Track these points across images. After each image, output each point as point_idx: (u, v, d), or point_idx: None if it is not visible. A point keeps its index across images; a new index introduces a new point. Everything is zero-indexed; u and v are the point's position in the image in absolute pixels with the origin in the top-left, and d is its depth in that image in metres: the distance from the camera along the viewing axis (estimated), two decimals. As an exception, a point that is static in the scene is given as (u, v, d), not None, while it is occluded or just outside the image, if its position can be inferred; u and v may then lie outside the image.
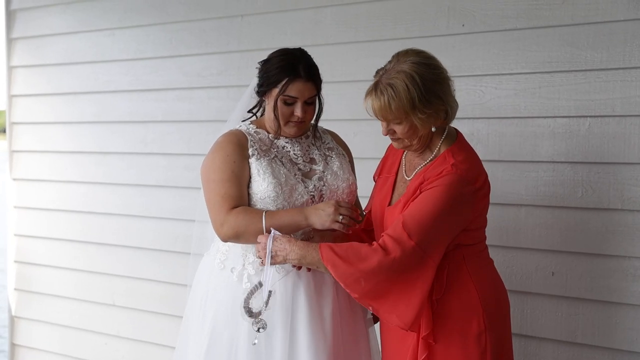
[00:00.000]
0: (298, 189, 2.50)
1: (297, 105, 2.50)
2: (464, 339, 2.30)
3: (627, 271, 2.84)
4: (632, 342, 2.84)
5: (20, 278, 4.83)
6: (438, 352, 2.30)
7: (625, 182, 2.84)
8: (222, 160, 2.49)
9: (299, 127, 2.56)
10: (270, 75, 2.51)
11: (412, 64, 2.28)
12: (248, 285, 2.47)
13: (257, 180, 2.48)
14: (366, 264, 2.24)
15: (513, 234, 3.06)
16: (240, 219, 2.43)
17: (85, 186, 4.50)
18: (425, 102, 2.26)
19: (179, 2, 4.05)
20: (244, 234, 2.44)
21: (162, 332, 4.16)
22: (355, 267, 2.25)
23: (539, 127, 3.00)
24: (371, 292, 2.26)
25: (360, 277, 2.24)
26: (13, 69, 4.78)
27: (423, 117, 2.28)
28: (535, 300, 3.03)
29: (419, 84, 2.26)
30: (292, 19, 3.66)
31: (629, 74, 2.82)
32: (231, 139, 2.54)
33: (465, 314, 2.31)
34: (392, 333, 2.43)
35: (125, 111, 4.32)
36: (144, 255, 4.27)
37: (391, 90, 2.26)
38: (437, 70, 2.32)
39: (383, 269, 2.23)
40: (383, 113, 2.30)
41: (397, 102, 2.26)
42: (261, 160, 2.50)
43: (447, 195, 2.25)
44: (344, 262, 2.26)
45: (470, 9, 3.14)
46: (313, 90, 2.53)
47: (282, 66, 2.49)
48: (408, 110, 2.27)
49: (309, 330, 2.45)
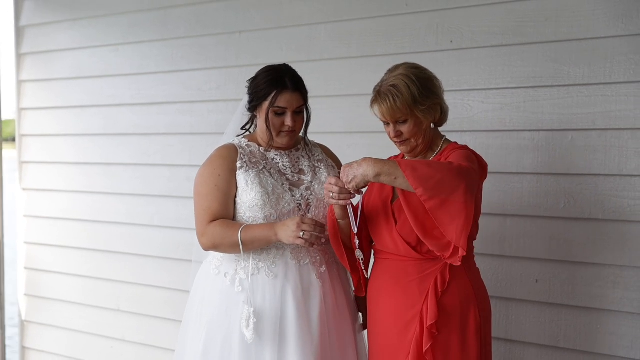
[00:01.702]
0: (285, 197, 2.61)
1: (287, 115, 2.62)
2: (463, 329, 2.43)
3: (608, 279, 2.88)
4: (612, 346, 2.89)
5: (30, 284, 4.85)
6: (440, 342, 2.42)
7: (605, 194, 2.88)
8: (209, 175, 2.63)
9: (291, 136, 2.67)
10: (260, 90, 2.63)
11: (406, 68, 2.51)
12: (240, 289, 2.58)
13: (245, 190, 2.60)
14: (447, 166, 2.33)
15: (499, 243, 3.11)
16: (218, 231, 2.57)
17: (92, 196, 4.52)
18: (424, 96, 2.46)
19: (180, 19, 4.09)
20: (220, 245, 2.58)
21: (166, 336, 4.19)
22: (436, 169, 2.30)
23: (524, 140, 3.04)
24: (446, 202, 2.27)
25: (442, 179, 2.27)
26: (22, 83, 4.80)
27: (424, 109, 2.47)
28: (519, 307, 3.07)
29: (416, 82, 2.46)
30: (288, 35, 3.71)
31: (610, 89, 2.86)
32: (221, 153, 2.67)
33: (464, 306, 2.45)
34: (392, 330, 2.50)
35: (130, 124, 4.34)
36: (148, 262, 4.29)
37: (394, 90, 2.46)
38: (427, 72, 2.54)
39: (462, 175, 2.29)
40: (391, 112, 2.46)
41: (401, 99, 2.45)
42: (249, 171, 2.61)
43: (470, 154, 2.48)
44: (425, 165, 2.32)
45: (458, 26, 3.19)
46: (300, 100, 2.64)
47: (269, 80, 2.62)
48: (411, 105, 2.45)
49: (297, 332, 2.54)
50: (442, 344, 2.43)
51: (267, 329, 2.55)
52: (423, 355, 2.42)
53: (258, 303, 2.57)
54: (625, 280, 2.86)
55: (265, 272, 2.59)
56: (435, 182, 2.28)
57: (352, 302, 2.75)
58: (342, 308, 2.67)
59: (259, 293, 2.58)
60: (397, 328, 2.49)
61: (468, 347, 2.44)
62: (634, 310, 2.84)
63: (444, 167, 2.33)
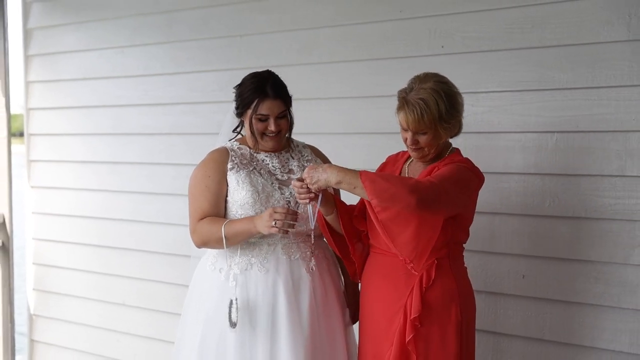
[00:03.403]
0: (274, 195, 2.73)
1: (270, 121, 2.75)
2: (444, 325, 2.54)
3: (590, 274, 2.97)
4: (594, 339, 2.97)
5: (38, 279, 4.92)
6: (422, 334, 2.54)
7: (588, 193, 2.96)
8: (200, 176, 2.77)
9: (275, 140, 2.79)
10: (244, 98, 2.76)
11: (435, 82, 2.58)
12: (234, 284, 2.70)
13: (236, 190, 2.73)
14: (404, 183, 2.40)
15: (488, 240, 3.18)
16: (205, 229, 2.71)
17: (99, 193, 4.58)
18: (449, 114, 2.56)
19: (185, 22, 4.15)
20: (208, 241, 2.72)
21: (170, 330, 4.18)
22: (392, 183, 2.39)
23: (511, 142, 3.12)
24: (398, 215, 2.39)
25: (396, 192, 2.36)
26: (30, 84, 4.85)
27: (447, 126, 2.57)
28: (507, 301, 3.15)
29: (444, 99, 2.55)
30: (289, 39, 3.77)
31: (593, 93, 2.94)
32: (213, 156, 2.80)
33: (446, 303, 2.55)
34: (381, 321, 2.62)
35: (136, 124, 4.39)
36: (154, 258, 4.36)
37: (423, 104, 2.53)
38: (454, 89, 2.62)
39: (416, 192, 2.37)
40: (416, 124, 2.55)
41: (429, 114, 2.53)
42: (240, 172, 2.74)
43: (460, 170, 2.54)
44: (383, 179, 2.43)
45: (449, 32, 3.27)
46: (282, 107, 2.76)
47: (252, 88, 2.74)
48: (436, 121, 2.54)
49: (288, 324, 2.66)
50: (423, 336, 2.54)
51: (260, 321, 2.67)
52: (405, 345, 2.54)
53: (251, 297, 2.69)
54: (605, 276, 2.94)
55: (257, 267, 2.71)
56: (389, 195, 2.39)
57: (341, 296, 2.86)
58: (331, 301, 2.78)
59: (252, 287, 2.69)
60: (384, 318, 2.61)
61: (447, 341, 2.55)
62: (614, 304, 2.93)
63: (401, 182, 2.41)
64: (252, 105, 2.74)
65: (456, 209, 2.54)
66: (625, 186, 2.90)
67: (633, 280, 2.90)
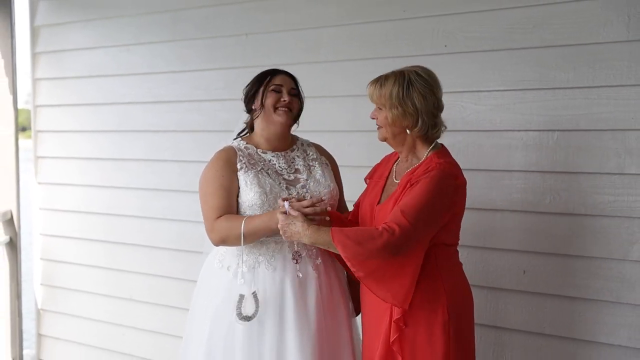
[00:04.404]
0: (282, 195, 2.77)
1: (284, 92, 2.84)
2: (431, 325, 2.55)
3: (589, 270, 3.01)
4: (594, 333, 3.01)
5: (45, 274, 4.95)
6: (408, 335, 2.56)
7: (588, 190, 3.00)
8: (212, 175, 2.80)
9: (287, 115, 2.85)
10: (257, 80, 2.88)
11: (413, 71, 2.63)
12: (242, 282, 2.73)
13: (245, 190, 2.77)
14: (375, 243, 2.45)
15: (489, 236, 3.22)
16: (224, 226, 2.72)
17: (106, 190, 4.61)
18: (400, 99, 2.59)
19: (190, 21, 4.17)
20: (228, 238, 2.73)
21: (176, 324, 4.27)
22: (364, 247, 2.46)
23: (513, 140, 3.16)
24: (375, 272, 2.48)
25: (369, 256, 2.46)
26: (37, 81, 4.87)
27: (397, 112, 2.60)
28: (508, 296, 3.19)
29: (404, 84, 2.60)
30: (293, 37, 3.81)
31: (592, 92, 2.98)
32: (221, 155, 2.84)
33: (432, 304, 2.55)
34: (372, 318, 2.67)
35: (142, 121, 4.42)
36: (160, 253, 4.39)
37: (384, 79, 2.64)
38: (427, 87, 2.61)
39: (389, 248, 2.44)
40: (371, 94, 2.66)
41: (383, 90, 2.62)
42: (248, 172, 2.78)
43: (434, 186, 2.52)
44: (354, 243, 2.48)
45: (452, 32, 3.31)
46: (293, 84, 2.87)
47: (262, 74, 2.88)
48: (386, 99, 2.61)
49: (296, 319, 2.70)
50: (409, 337, 2.56)
51: (268, 317, 2.71)
52: (390, 345, 2.57)
53: (259, 293, 2.73)
54: (605, 272, 2.98)
55: (264, 265, 2.75)
56: (360, 260, 2.48)
57: (346, 292, 2.90)
58: (336, 297, 2.83)
59: (260, 284, 2.73)
60: (375, 315, 2.65)
61: (435, 341, 2.54)
62: (613, 299, 2.97)
63: (372, 240, 2.46)
64: (267, 80, 2.84)
65: (435, 230, 2.55)
66: (624, 184, 2.94)
67: (632, 276, 2.94)
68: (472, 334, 2.67)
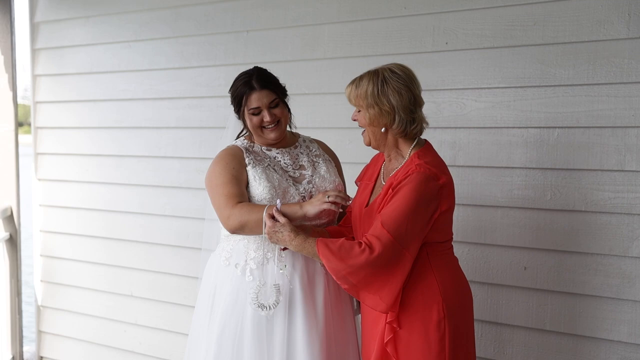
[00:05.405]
0: (290, 191, 2.78)
1: (264, 113, 2.80)
2: (425, 325, 2.53)
3: (590, 266, 3.03)
4: (593, 329, 3.03)
5: (45, 271, 4.95)
6: (402, 336, 2.55)
7: (588, 187, 3.02)
8: (222, 167, 2.78)
9: (276, 130, 2.83)
10: (235, 97, 2.84)
11: (387, 69, 2.62)
12: (251, 279, 2.74)
13: (254, 185, 2.77)
14: (355, 260, 2.48)
15: (490, 233, 3.24)
16: (245, 211, 2.67)
17: (106, 186, 4.61)
18: (375, 97, 2.57)
19: (190, 18, 4.18)
20: (247, 224, 2.67)
21: (176, 320, 4.32)
22: (346, 263, 2.49)
23: (514, 137, 3.17)
24: (359, 284, 2.51)
25: (350, 272, 2.49)
26: (37, 78, 4.86)
27: (374, 112, 2.59)
28: (509, 292, 3.21)
29: (378, 83, 2.58)
30: (293, 34, 3.81)
31: (593, 89, 3.00)
32: (228, 152, 2.83)
33: (426, 303, 2.53)
34: (368, 320, 2.68)
35: (142, 117, 4.42)
36: (160, 250, 4.40)
37: (358, 80, 2.63)
38: (401, 83, 2.58)
39: (369, 265, 2.47)
40: (348, 96, 2.65)
41: (358, 90, 2.61)
42: (257, 167, 2.78)
43: (415, 192, 2.49)
44: (336, 258, 2.51)
45: (452, 29, 3.32)
46: (271, 96, 2.80)
47: (240, 86, 2.82)
48: (362, 100, 2.60)
49: (304, 316, 2.71)
50: (404, 339, 2.55)
51: (277, 312, 2.72)
52: (384, 346, 2.57)
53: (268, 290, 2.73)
54: (605, 268, 3.01)
55: (273, 262, 2.76)
56: (343, 275, 2.51)
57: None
58: (343, 294, 2.84)
59: (269, 281, 2.74)
60: (373, 317, 2.65)
61: (430, 341, 2.52)
62: (613, 295, 2.99)
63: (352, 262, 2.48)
64: (243, 102, 2.80)
65: (422, 236, 2.54)
66: (625, 180, 2.96)
67: (632, 272, 2.96)
68: (470, 330, 2.67)
